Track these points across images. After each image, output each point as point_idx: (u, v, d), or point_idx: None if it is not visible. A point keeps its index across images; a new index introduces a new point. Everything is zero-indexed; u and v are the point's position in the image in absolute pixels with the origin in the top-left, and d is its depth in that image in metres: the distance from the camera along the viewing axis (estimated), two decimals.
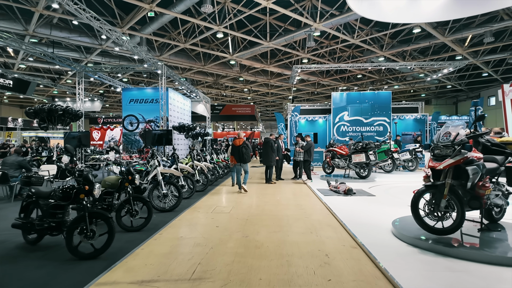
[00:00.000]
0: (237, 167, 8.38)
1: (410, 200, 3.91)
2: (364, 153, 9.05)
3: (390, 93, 16.32)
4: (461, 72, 22.60)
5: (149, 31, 15.34)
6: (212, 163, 10.28)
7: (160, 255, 3.61)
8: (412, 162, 10.60)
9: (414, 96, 28.74)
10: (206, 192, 7.90)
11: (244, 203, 6.56)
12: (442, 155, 3.81)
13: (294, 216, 5.36)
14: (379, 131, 16.13)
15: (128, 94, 13.54)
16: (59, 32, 15.31)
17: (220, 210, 5.86)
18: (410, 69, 17.84)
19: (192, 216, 5.42)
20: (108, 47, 16.46)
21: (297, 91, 28.07)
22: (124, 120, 13.36)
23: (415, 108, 17.96)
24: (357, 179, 9.46)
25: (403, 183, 9.19)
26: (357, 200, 6.59)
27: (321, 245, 3.89)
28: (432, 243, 3.61)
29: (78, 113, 9.06)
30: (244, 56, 18.83)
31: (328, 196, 7.03)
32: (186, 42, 16.23)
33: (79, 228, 3.53)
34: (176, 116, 14.21)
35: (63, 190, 3.80)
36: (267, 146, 9.22)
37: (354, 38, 15.86)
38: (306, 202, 6.56)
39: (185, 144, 15.77)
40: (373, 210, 5.74)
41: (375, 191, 7.74)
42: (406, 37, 16.90)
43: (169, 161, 7.20)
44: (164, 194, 5.78)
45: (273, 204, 6.43)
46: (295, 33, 15.33)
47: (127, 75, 21.77)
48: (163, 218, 5.33)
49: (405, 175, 10.05)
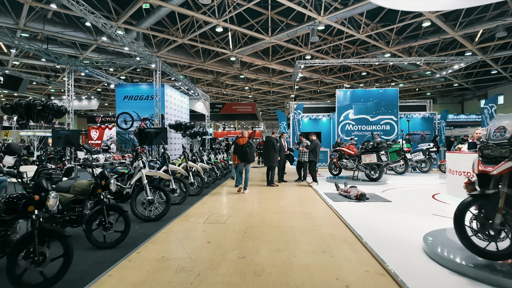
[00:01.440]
0: (239, 167, 7.70)
1: (432, 206, 3.03)
2: (375, 153, 8.15)
3: (397, 90, 15.40)
4: (469, 70, 21.67)
5: (146, 25, 14.51)
6: (210, 164, 9.42)
7: (131, 285, 2.75)
8: (426, 163, 9.69)
9: (419, 95, 27.76)
10: (202, 196, 7.04)
11: (243, 210, 5.69)
12: (495, 157, 2.92)
13: (301, 228, 4.48)
14: (386, 130, 15.22)
15: (122, 90, 12.68)
16: (53, 27, 14.52)
17: (215, 219, 4.98)
18: (419, 64, 16.91)
19: (181, 227, 4.55)
20: (104, 42, 15.65)
21: (299, 90, 27.17)
22: (118, 118, 12.51)
23: (423, 106, 17.03)
24: (367, 181, 8.57)
25: (418, 186, 8.30)
26: (372, 207, 5.70)
27: (338, 271, 3.01)
28: (486, 271, 2.72)
29: (62, 109, 8.21)
30: (244, 53, 17.96)
31: (338, 202, 6.15)
32: (184, 37, 15.39)
33: (25, 250, 2.67)
34: (173, 114, 13.34)
35: (8, 200, 2.93)
36: (269, 146, 8.35)
37: (360, 33, 14.97)
38: (313, 209, 5.67)
39: (182, 143, 14.90)
40: (393, 220, 4.85)
41: (389, 195, 6.85)
42: (413, 33, 15.97)
43: (158, 162, 6.33)
44: (149, 200, 4.91)
45: (276, 211, 5.55)
46: (299, 27, 14.44)
47: (125, 73, 20.94)
48: (146, 229, 4.46)
49: (418, 177, 9.15)
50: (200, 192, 7.18)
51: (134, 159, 5.19)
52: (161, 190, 5.10)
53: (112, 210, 3.85)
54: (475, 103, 26.51)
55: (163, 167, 6.22)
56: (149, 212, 4.98)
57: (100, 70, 15.77)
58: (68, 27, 15.01)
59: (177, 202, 6.11)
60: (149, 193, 4.93)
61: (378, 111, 15.28)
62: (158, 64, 11.19)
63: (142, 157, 5.15)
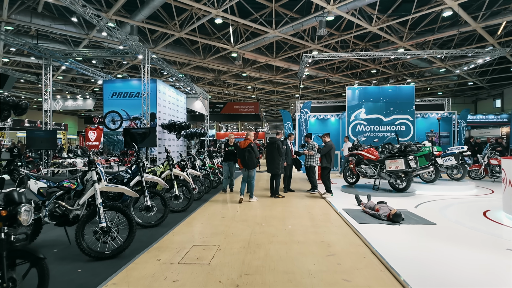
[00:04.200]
0: (243, 173, 6.58)
1: (491, 231, 2.22)
2: (402, 159, 6.52)
3: (413, 87, 13.72)
4: (484, 67, 19.90)
5: (140, 18, 13.07)
6: (204, 170, 7.87)
7: None
8: (458, 169, 8.02)
9: (430, 95, 25.98)
10: (188, 213, 5.47)
11: (238, 236, 4.11)
12: None
13: (321, 277, 2.88)
14: (401, 131, 13.56)
15: (110, 86, 11.17)
16: (41, 20, 13.16)
17: (196, 257, 3.41)
18: (434, 60, 15.24)
19: (143, 274, 2.98)
20: (96, 37, 14.26)
21: (304, 89, 25.55)
22: (105, 117, 11.01)
23: (440, 106, 15.31)
24: (389, 191, 6.95)
25: (456, 198, 6.65)
26: (415, 234, 4.09)
27: None
28: None
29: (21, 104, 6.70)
30: (247, 48, 16.43)
31: (365, 224, 4.54)
32: (182, 30, 13.91)
33: None
34: (167, 113, 11.80)
35: None
36: (273, 148, 6.78)
37: (372, 25, 13.35)
38: (334, 237, 4.07)
39: (178, 145, 13.35)
40: (454, 257, 3.23)
41: (426, 213, 5.22)
42: (428, 27, 14.31)
43: (129, 172, 4.77)
44: (103, 229, 3.36)
45: (283, 240, 3.96)
46: (305, 18, 12.87)
47: (122, 71, 19.51)
48: (90, 275, 2.92)
49: (451, 186, 7.47)
50: (186, 208, 5.62)
51: (88, 168, 3.64)
52: (121, 212, 3.54)
53: (19, 258, 2.31)
54: (489, 103, 24.63)
55: (135, 177, 4.68)
56: (103, 245, 3.42)
57: (88, 65, 14.39)
58: (57, 21, 13.66)
59: (151, 224, 4.56)
60: (103, 218, 3.37)
61: (392, 110, 13.63)
62: (147, 55, 9.64)
63: (96, 166, 3.61)
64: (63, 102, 19.08)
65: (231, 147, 7.64)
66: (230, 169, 7.66)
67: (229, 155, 7.61)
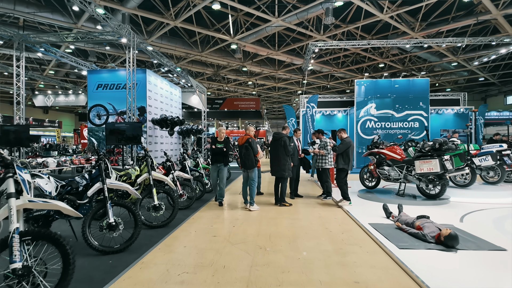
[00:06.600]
0: (243, 174, 5.49)
1: None
2: (437, 159, 5.21)
3: (427, 80, 12.40)
4: (497, 62, 18.52)
5: (132, 5, 11.82)
6: (196, 172, 6.58)
7: None
8: (495, 171, 6.71)
9: (438, 91, 24.60)
10: (170, 229, 4.17)
11: (231, 274, 2.81)
12: None
13: None
14: (414, 127, 12.26)
15: (95, 77, 9.86)
16: (25, 8, 11.90)
17: None
18: (451, 51, 13.90)
19: None
20: (84, 26, 12.97)
21: (307, 86, 24.21)
22: (90, 111, 9.72)
23: (456, 101, 13.99)
24: (414, 197, 5.65)
25: (502, 206, 5.34)
26: (485, 267, 2.79)
27: None
28: None
29: None
30: (247, 40, 15.12)
31: (407, 249, 3.24)
32: (177, 19, 12.62)
33: None
34: (159, 107, 10.49)
35: None
36: (278, 146, 5.49)
37: (383, 13, 12.01)
38: (371, 274, 2.76)
39: (172, 143, 12.04)
40: None
41: (478, 228, 3.92)
42: (442, 18, 12.97)
43: (86, 176, 3.49)
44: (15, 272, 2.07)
45: (298, 280, 2.64)
46: (311, 4, 11.54)
47: (117, 64, 18.23)
48: None
49: (490, 192, 6.14)
50: (168, 222, 4.32)
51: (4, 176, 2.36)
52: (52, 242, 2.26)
53: None
54: (500, 100, 23.25)
55: (95, 184, 3.39)
56: None
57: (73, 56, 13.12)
58: (44, 8, 12.39)
59: (114, 248, 3.27)
60: (21, 252, 2.09)
61: (405, 106, 12.32)
62: (133, 40, 8.33)
63: (15, 172, 2.32)
64: (55, 98, 17.80)
65: (220, 144, 5.62)
66: (220, 174, 5.63)
67: (217, 154, 5.62)
